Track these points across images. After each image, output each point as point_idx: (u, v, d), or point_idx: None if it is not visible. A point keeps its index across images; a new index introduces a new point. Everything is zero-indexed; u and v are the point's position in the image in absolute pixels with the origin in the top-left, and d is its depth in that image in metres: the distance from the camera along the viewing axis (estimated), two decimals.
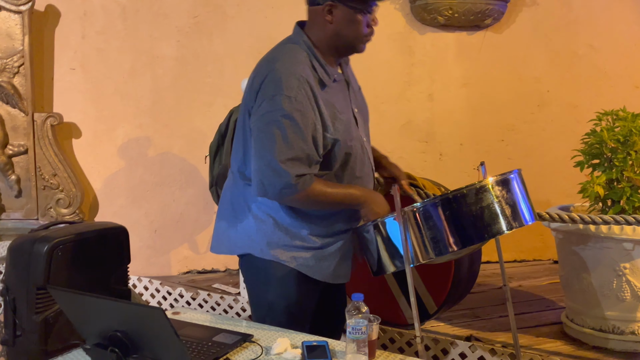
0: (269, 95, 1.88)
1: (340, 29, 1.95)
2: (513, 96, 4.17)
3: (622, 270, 2.82)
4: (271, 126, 1.87)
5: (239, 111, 3.30)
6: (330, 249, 2.11)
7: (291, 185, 1.91)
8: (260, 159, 1.91)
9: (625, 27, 4.32)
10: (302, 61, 1.94)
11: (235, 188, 2.12)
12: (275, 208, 2.05)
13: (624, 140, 2.75)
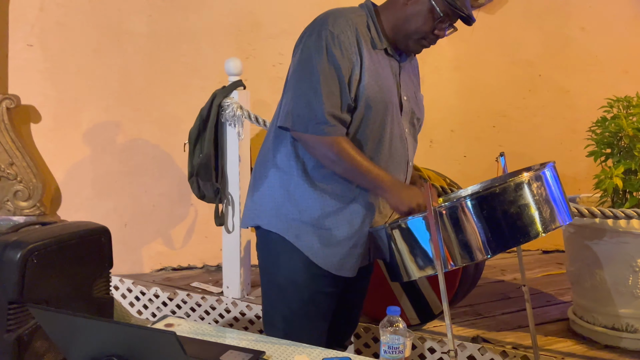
0: (314, 30, 1.85)
1: (411, 15, 1.91)
2: (505, 80, 3.98)
3: (639, 266, 2.66)
4: (311, 59, 1.82)
5: (222, 95, 3.06)
6: (340, 235, 1.92)
7: (323, 121, 1.82)
8: (294, 89, 1.84)
9: (617, 9, 4.18)
10: (357, 14, 1.91)
11: (265, 149, 2.00)
12: (291, 173, 1.92)
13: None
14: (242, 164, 3.09)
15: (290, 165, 1.92)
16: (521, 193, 1.84)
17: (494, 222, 1.82)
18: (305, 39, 1.87)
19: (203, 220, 3.64)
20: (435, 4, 1.87)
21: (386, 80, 1.94)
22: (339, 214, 1.92)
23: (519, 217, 1.83)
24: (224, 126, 3.05)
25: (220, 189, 3.07)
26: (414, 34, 1.92)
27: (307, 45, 1.85)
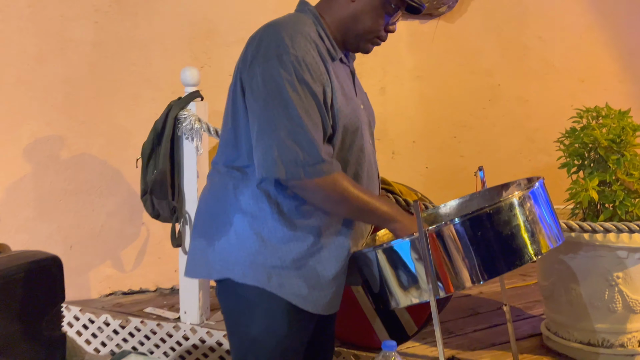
0: (273, 55, 1.57)
1: (361, 13, 1.70)
2: (465, 90, 3.92)
3: (615, 280, 2.61)
4: (282, 90, 1.56)
5: (178, 106, 2.85)
6: (329, 274, 1.73)
7: (318, 162, 1.57)
8: (274, 131, 1.57)
9: (573, 18, 4.20)
10: (308, 24, 1.67)
11: (220, 191, 1.75)
12: (264, 217, 1.68)
13: (619, 141, 2.53)
14: (200, 180, 2.89)
15: (262, 208, 1.68)
16: (515, 213, 1.73)
17: (489, 245, 1.70)
18: (261, 65, 1.59)
19: (156, 240, 3.41)
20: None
21: (352, 96, 1.75)
22: (325, 251, 1.72)
23: (514, 239, 1.72)
24: (181, 140, 2.85)
25: (177, 207, 2.87)
26: (367, 33, 1.72)
27: (267, 74, 1.57)
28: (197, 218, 1.83)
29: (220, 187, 1.75)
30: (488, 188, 2.24)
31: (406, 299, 1.76)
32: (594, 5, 4.25)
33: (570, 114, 4.24)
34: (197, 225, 1.82)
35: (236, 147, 1.72)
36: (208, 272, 1.76)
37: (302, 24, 1.66)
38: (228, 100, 1.77)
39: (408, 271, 1.73)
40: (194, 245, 1.81)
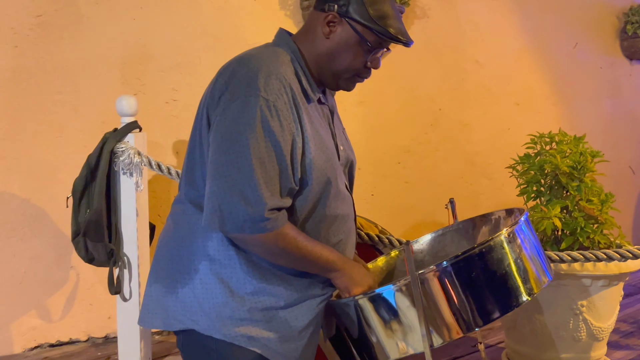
0: (241, 95, 1.44)
1: (336, 50, 1.57)
2: (408, 115, 3.85)
3: (579, 309, 2.57)
4: (242, 136, 1.43)
5: (115, 139, 2.60)
6: (300, 325, 1.59)
7: (262, 220, 1.44)
8: (222, 177, 1.44)
9: (507, 42, 4.23)
10: (285, 63, 1.54)
11: (185, 233, 1.59)
12: (232, 266, 1.53)
13: (580, 167, 2.49)
14: (139, 218, 2.63)
15: (230, 256, 1.53)
16: (506, 250, 1.62)
17: (484, 287, 1.58)
18: (227, 103, 1.45)
19: (86, 284, 3.10)
20: (365, 36, 1.55)
21: (328, 142, 1.60)
22: (296, 302, 1.58)
23: (508, 278, 1.61)
24: (117, 176, 2.58)
25: (115, 250, 2.59)
26: (344, 72, 1.59)
27: (232, 115, 1.44)
28: (157, 260, 1.65)
29: (186, 230, 1.58)
30: (461, 221, 2.14)
31: (397, 351, 1.60)
32: (525, 30, 4.31)
33: (507, 137, 4.28)
34: (156, 269, 1.65)
35: (194, 188, 1.57)
36: (167, 322, 1.59)
37: (279, 62, 1.53)
38: (193, 132, 1.61)
39: (399, 320, 1.58)
40: (150, 291, 1.64)
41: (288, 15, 3.42)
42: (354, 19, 1.55)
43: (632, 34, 4.83)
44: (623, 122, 5.09)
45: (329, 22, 1.56)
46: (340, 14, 1.55)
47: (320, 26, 1.58)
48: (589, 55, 4.77)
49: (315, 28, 1.59)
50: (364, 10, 1.56)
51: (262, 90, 1.44)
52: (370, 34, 1.55)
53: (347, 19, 1.55)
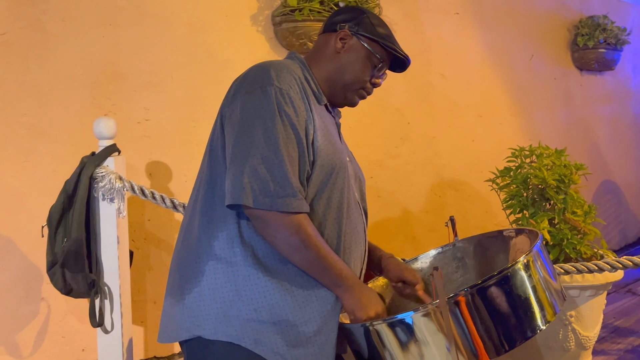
0: (256, 87, 1.56)
1: (347, 64, 1.73)
2: (379, 129, 3.85)
3: (568, 319, 2.61)
4: (264, 118, 1.52)
5: (94, 163, 2.48)
6: (309, 330, 1.57)
7: (292, 194, 1.49)
8: (249, 157, 1.50)
9: (469, 55, 4.30)
10: (295, 67, 1.68)
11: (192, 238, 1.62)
12: (237, 263, 1.52)
13: (567, 180, 2.54)
14: (120, 246, 2.51)
15: (235, 253, 1.54)
16: (530, 274, 1.61)
17: (510, 311, 1.57)
18: (243, 96, 1.56)
19: (58, 316, 2.93)
20: (373, 49, 1.73)
21: (336, 141, 1.68)
22: (305, 304, 1.56)
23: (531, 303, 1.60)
24: (97, 202, 2.46)
25: (96, 280, 2.46)
26: (353, 84, 1.74)
27: (249, 104, 1.54)
28: (170, 275, 1.68)
29: (193, 234, 1.60)
30: (461, 239, 2.13)
31: None
32: (486, 44, 4.40)
33: (472, 149, 4.35)
34: (168, 283, 1.67)
35: (212, 187, 1.60)
36: (177, 333, 1.58)
37: (289, 64, 1.67)
38: (208, 143, 1.69)
39: (422, 348, 1.55)
40: (165, 307, 1.65)
41: (260, 31, 3.37)
42: (364, 35, 1.73)
43: (582, 46, 5.01)
44: (576, 130, 5.27)
45: (341, 38, 1.74)
46: (351, 31, 1.74)
47: (331, 45, 1.75)
48: (544, 66, 4.92)
49: (326, 48, 1.76)
50: (373, 29, 1.75)
51: (275, 80, 1.55)
52: (378, 48, 1.74)
53: (358, 35, 1.73)
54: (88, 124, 2.74)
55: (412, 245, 3.97)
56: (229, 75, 3.19)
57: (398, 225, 3.94)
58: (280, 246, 1.52)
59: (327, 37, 1.77)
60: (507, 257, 1.92)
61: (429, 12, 4.03)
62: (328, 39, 1.76)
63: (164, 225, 3.11)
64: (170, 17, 3.10)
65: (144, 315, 3.02)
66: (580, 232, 2.61)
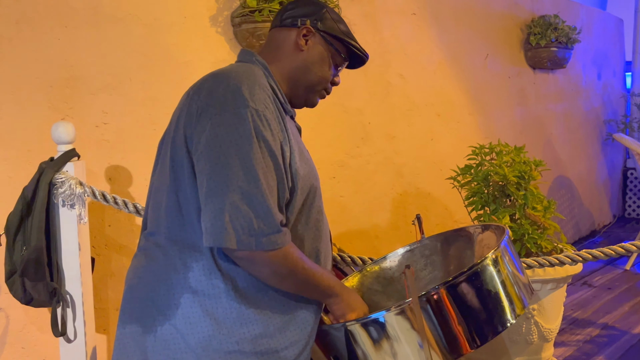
0: (228, 108, 1.43)
1: (311, 63, 1.66)
2: (340, 129, 3.86)
3: (531, 313, 2.66)
4: (240, 147, 1.40)
5: (53, 169, 2.42)
6: (291, 355, 1.56)
7: (276, 230, 1.40)
8: (227, 192, 1.39)
9: (427, 55, 4.35)
10: (262, 76, 1.57)
11: (161, 268, 1.50)
12: (217, 296, 1.46)
13: (527, 177, 2.60)
14: (82, 253, 2.46)
15: (214, 285, 1.46)
16: (499, 269, 1.64)
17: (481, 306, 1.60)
18: (213, 118, 1.43)
19: (17, 326, 2.84)
20: (337, 48, 1.67)
21: (309, 157, 1.65)
22: (286, 330, 1.53)
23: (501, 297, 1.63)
24: (56, 208, 2.40)
25: (58, 288, 2.40)
26: (317, 84, 1.67)
27: (223, 129, 1.41)
28: (130, 299, 1.56)
29: (162, 264, 1.51)
30: (428, 237, 2.16)
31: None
32: (443, 44, 4.46)
33: (431, 147, 4.41)
34: (129, 308, 1.55)
35: (180, 215, 1.49)
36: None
37: (256, 75, 1.54)
38: (162, 158, 1.58)
39: (395, 346, 1.56)
40: (125, 332, 1.54)
41: (219, 32, 3.34)
42: (327, 32, 1.66)
43: (535, 45, 5.13)
44: (531, 127, 5.39)
45: (303, 34, 1.65)
46: (314, 27, 1.65)
47: (291, 42, 1.65)
48: (499, 65, 5.01)
49: (284, 45, 1.67)
50: (335, 26, 1.68)
51: (249, 101, 1.44)
52: (341, 46, 1.68)
53: (320, 32, 1.66)
54: (45, 129, 2.67)
55: (375, 244, 4.00)
56: (189, 77, 3.17)
57: (360, 224, 3.96)
58: (268, 280, 1.48)
59: (286, 33, 1.66)
60: (474, 254, 1.95)
61: (387, 13, 4.06)
62: (287, 35, 1.66)
63: (125, 231, 3.05)
64: (127, 19, 3.04)
65: (107, 323, 2.96)
66: (540, 227, 2.67)
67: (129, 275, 1.62)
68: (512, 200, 2.69)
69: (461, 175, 2.90)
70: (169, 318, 1.47)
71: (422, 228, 2.15)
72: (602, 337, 3.57)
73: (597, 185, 6.51)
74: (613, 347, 3.44)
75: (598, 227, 6.51)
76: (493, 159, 2.83)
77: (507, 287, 1.62)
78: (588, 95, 6.30)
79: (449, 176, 2.95)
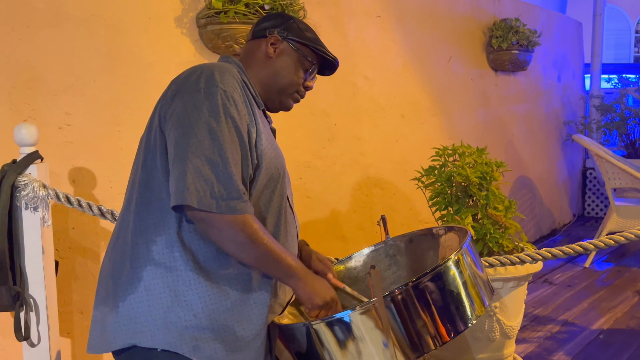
0: (199, 88, 1.55)
1: (280, 68, 1.76)
2: (307, 131, 3.88)
3: (493, 310, 2.73)
4: (208, 120, 1.51)
5: (15, 171, 2.39)
6: (247, 334, 1.59)
7: (236, 196, 1.48)
8: (193, 157, 1.49)
9: (392, 58, 4.41)
10: (235, 71, 1.67)
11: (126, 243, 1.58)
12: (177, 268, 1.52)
13: (489, 178, 2.66)
14: (45, 256, 2.43)
15: (175, 257, 1.52)
16: (461, 269, 1.69)
17: (443, 306, 1.64)
18: (185, 97, 1.54)
19: None
20: (304, 53, 1.77)
21: (277, 145, 1.75)
22: (242, 308, 1.57)
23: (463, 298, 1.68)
24: (19, 211, 2.37)
25: (21, 292, 2.37)
26: (288, 88, 1.78)
27: (193, 104, 1.52)
28: (100, 280, 1.64)
29: (127, 239, 1.57)
30: (393, 237, 2.19)
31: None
32: (407, 46, 4.52)
33: (396, 148, 4.46)
34: (99, 291, 1.63)
35: (148, 189, 1.57)
36: (110, 343, 1.55)
37: (230, 68, 1.67)
38: (139, 145, 1.67)
39: (360, 346, 1.59)
40: (95, 315, 1.62)
41: (184, 34, 3.33)
42: (294, 39, 1.77)
43: (497, 48, 5.23)
44: (493, 128, 5.49)
45: (271, 43, 1.77)
46: (281, 35, 1.77)
47: (262, 50, 1.78)
48: (462, 68, 5.10)
49: (256, 54, 1.79)
50: (301, 33, 1.79)
51: (219, 82, 1.55)
52: (308, 51, 1.78)
53: (287, 40, 1.77)
54: (6, 131, 2.63)
55: (342, 244, 4.03)
56: (153, 78, 3.16)
57: (327, 224, 3.99)
58: (226, 246, 1.52)
59: (257, 43, 1.80)
60: (437, 254, 1.99)
61: (352, 15, 4.10)
62: (258, 44, 1.80)
63: (89, 233, 3.02)
64: (91, 19, 3.01)
65: (71, 327, 2.93)
66: (501, 227, 2.73)
67: (104, 259, 1.68)
68: (474, 200, 2.75)
69: (425, 176, 2.95)
70: (132, 292, 1.52)
71: (387, 228, 2.19)
72: (562, 334, 3.67)
73: (557, 185, 6.67)
74: (573, 343, 3.54)
75: (558, 226, 6.66)
76: (456, 160, 2.88)
77: (468, 287, 1.66)
78: (548, 97, 6.45)
79: (413, 177, 3.00)
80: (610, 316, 3.98)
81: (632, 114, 6.63)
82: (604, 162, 5.02)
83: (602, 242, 2.30)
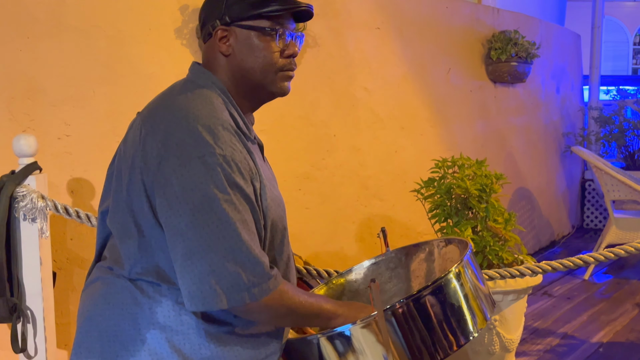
0: (192, 157, 1.35)
1: (243, 58, 1.50)
2: (306, 142, 3.88)
3: (492, 324, 2.71)
4: (213, 201, 1.34)
5: (14, 182, 2.38)
6: None
7: (267, 279, 1.37)
8: (209, 253, 1.33)
9: (391, 69, 4.41)
10: (219, 108, 1.45)
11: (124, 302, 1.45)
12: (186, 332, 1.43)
13: (489, 190, 2.65)
14: (43, 267, 2.42)
15: (182, 321, 1.43)
16: (462, 282, 1.67)
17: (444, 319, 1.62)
18: (177, 169, 1.35)
19: None
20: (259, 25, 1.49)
21: (274, 183, 1.61)
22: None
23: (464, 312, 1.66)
24: (17, 222, 2.36)
25: (18, 304, 2.36)
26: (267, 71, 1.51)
27: (190, 180, 1.34)
28: (86, 332, 1.49)
29: (125, 297, 1.46)
30: (393, 250, 2.18)
31: None
32: (406, 57, 4.53)
33: (395, 159, 4.46)
34: (87, 342, 1.48)
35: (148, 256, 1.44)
36: None
37: (214, 108, 1.44)
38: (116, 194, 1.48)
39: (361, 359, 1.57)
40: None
41: (185, 45, 3.33)
42: (238, 18, 1.49)
43: (495, 60, 5.24)
44: (492, 140, 5.50)
45: (220, 39, 1.51)
46: (224, 24, 1.50)
47: (216, 52, 1.52)
48: (461, 79, 5.11)
49: (215, 56, 1.54)
50: (243, 5, 1.50)
51: (214, 146, 1.36)
52: (260, 20, 1.50)
53: (232, 25, 1.50)
54: (5, 141, 2.63)
55: (340, 257, 4.02)
56: (153, 89, 3.14)
57: (326, 236, 3.98)
58: (271, 323, 1.49)
59: (210, 45, 1.55)
60: (437, 267, 1.98)
61: (351, 27, 4.11)
62: (211, 47, 1.54)
63: (88, 244, 3.01)
64: (91, 30, 3.01)
65: (68, 339, 2.91)
66: (501, 239, 2.73)
67: (84, 304, 1.54)
68: (474, 212, 2.75)
69: (425, 188, 2.94)
70: (134, 354, 1.42)
71: (387, 241, 2.17)
72: (562, 347, 3.65)
73: (556, 196, 6.66)
74: (572, 356, 3.52)
75: (557, 238, 6.66)
76: (455, 172, 2.88)
77: (469, 300, 1.65)
78: (547, 109, 6.46)
79: (412, 188, 3.00)
80: (610, 329, 3.96)
81: (631, 126, 6.65)
82: (603, 174, 5.02)
83: (603, 255, 2.29)
